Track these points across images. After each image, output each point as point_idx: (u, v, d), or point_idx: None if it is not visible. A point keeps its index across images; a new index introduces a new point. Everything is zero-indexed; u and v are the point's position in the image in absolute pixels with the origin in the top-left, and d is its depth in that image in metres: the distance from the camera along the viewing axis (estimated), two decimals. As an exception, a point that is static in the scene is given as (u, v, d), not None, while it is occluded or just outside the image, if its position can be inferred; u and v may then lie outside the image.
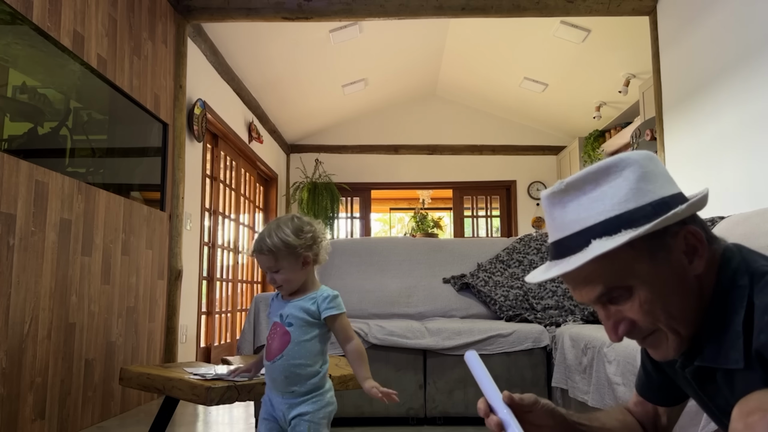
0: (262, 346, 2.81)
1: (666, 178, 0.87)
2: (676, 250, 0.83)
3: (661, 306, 0.83)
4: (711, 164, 3.34)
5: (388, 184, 7.86)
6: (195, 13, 3.92)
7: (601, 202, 0.83)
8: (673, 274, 0.83)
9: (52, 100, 2.67)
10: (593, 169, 0.86)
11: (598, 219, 0.83)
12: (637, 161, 0.85)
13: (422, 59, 6.50)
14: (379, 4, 3.92)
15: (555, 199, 0.88)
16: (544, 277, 0.88)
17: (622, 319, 0.86)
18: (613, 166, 0.85)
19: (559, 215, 0.87)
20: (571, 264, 0.82)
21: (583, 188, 0.86)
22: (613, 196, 0.83)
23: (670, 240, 0.83)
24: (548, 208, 0.90)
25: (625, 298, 0.84)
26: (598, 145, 6.60)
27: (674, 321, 0.84)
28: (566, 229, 0.86)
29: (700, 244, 0.84)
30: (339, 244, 3.56)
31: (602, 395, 2.07)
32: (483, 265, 3.43)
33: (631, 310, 0.84)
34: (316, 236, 1.77)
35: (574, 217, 0.85)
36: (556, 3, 3.92)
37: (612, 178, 0.84)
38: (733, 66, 3.11)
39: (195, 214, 4.33)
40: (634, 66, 5.43)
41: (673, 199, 0.84)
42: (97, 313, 2.83)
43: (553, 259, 0.89)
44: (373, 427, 2.76)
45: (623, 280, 0.83)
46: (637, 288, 0.82)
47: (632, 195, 0.82)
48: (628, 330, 0.86)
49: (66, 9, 2.62)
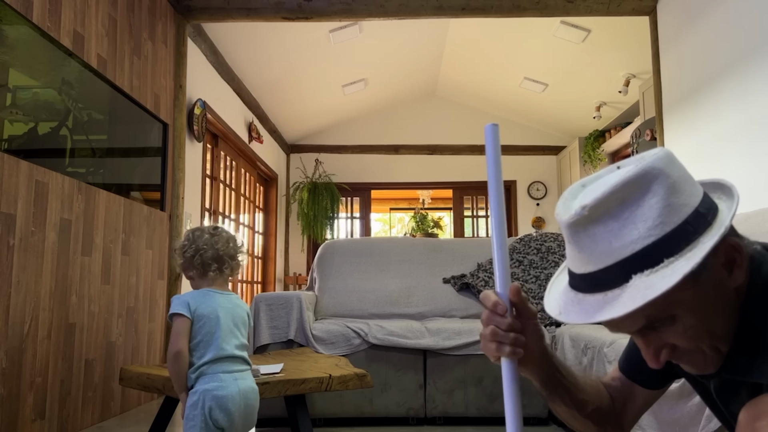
0: (263, 345, 2.81)
1: (689, 179, 0.79)
2: (717, 266, 0.77)
3: (705, 329, 0.77)
4: (711, 164, 3.34)
5: (388, 184, 7.87)
6: (195, 13, 3.92)
7: (633, 227, 0.74)
8: (715, 292, 0.77)
9: (52, 101, 2.67)
10: (617, 186, 0.75)
11: (635, 249, 0.74)
12: (662, 171, 0.75)
13: (422, 59, 6.50)
14: (379, 4, 3.92)
15: (579, 228, 0.78)
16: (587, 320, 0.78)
17: (664, 346, 0.79)
18: (638, 181, 0.75)
19: (587, 245, 0.77)
20: (619, 309, 0.73)
21: (609, 211, 0.75)
22: (646, 219, 0.74)
23: (712, 258, 0.75)
24: (572, 236, 0.79)
25: (667, 325, 0.77)
26: (598, 145, 6.60)
27: (717, 340, 0.78)
28: (598, 262, 0.76)
29: (739, 254, 0.78)
30: (339, 244, 3.56)
31: (602, 395, 2.07)
32: (483, 265, 3.43)
33: (674, 337, 0.78)
34: (185, 253, 1.83)
35: (605, 248, 0.75)
36: (556, 3, 3.92)
37: (639, 195, 0.75)
38: (733, 66, 3.11)
39: (195, 214, 4.33)
40: (634, 66, 5.43)
41: (704, 205, 0.77)
42: (97, 313, 2.83)
43: (584, 291, 0.80)
44: (373, 427, 2.76)
45: (667, 311, 0.76)
46: (681, 315, 0.76)
47: (666, 214, 0.74)
48: (670, 355, 0.80)
49: (66, 9, 2.62)
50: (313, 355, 2.64)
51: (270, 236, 6.92)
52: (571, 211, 0.78)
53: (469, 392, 2.79)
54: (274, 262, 6.89)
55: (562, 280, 0.87)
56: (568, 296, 0.83)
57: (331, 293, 3.33)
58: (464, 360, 2.80)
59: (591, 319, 0.77)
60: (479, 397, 2.79)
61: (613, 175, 0.78)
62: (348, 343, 2.82)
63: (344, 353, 2.79)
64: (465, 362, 2.80)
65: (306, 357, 2.57)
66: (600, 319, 0.75)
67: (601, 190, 0.76)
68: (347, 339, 2.83)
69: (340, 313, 3.27)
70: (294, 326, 2.84)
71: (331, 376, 2.06)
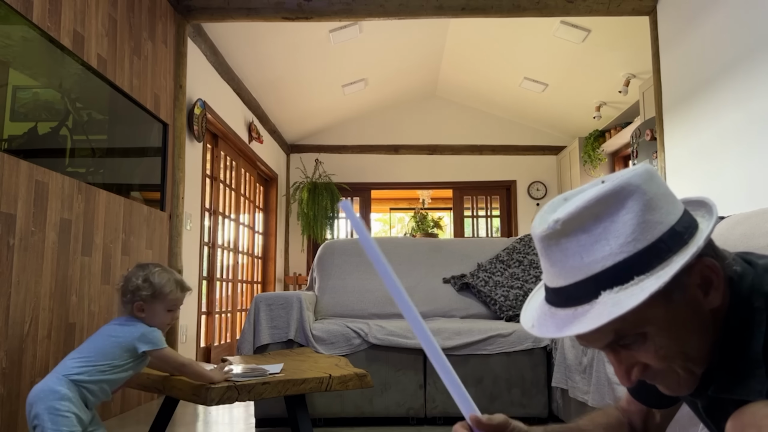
0: (263, 345, 2.81)
1: (668, 197, 0.78)
2: (692, 286, 0.76)
3: (677, 349, 0.76)
4: (711, 164, 3.34)
5: (388, 184, 7.87)
6: (195, 13, 3.92)
7: (605, 242, 0.74)
8: (689, 313, 0.76)
9: (52, 101, 2.67)
10: (591, 201, 0.75)
11: (605, 264, 0.73)
12: (639, 187, 0.75)
13: (422, 59, 6.50)
14: (379, 4, 3.92)
15: (551, 242, 0.77)
16: (556, 335, 0.78)
17: (635, 364, 0.79)
18: (612, 197, 0.74)
19: (559, 259, 0.77)
20: (585, 325, 0.73)
21: (582, 226, 0.75)
22: (619, 235, 0.73)
23: (686, 278, 0.74)
24: (544, 249, 0.79)
25: (638, 343, 0.76)
26: (598, 145, 6.60)
27: (690, 362, 0.78)
28: (569, 276, 0.76)
29: (715, 275, 0.76)
30: (339, 244, 3.56)
31: (602, 395, 2.07)
32: (483, 265, 3.43)
33: (645, 356, 0.77)
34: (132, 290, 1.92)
35: (576, 263, 0.75)
36: (556, 3, 3.92)
37: (614, 211, 0.74)
38: (733, 66, 3.11)
39: (195, 214, 4.33)
40: (634, 66, 5.43)
41: (682, 224, 0.76)
42: (97, 313, 2.83)
43: (556, 305, 0.80)
44: (373, 427, 2.77)
45: (637, 328, 0.75)
46: (651, 334, 0.75)
47: (639, 231, 0.73)
48: (642, 374, 0.79)
49: (66, 9, 2.62)
50: (313, 355, 2.64)
51: (270, 236, 6.92)
52: (545, 225, 0.78)
53: (469, 392, 2.78)
54: (274, 262, 6.89)
55: (540, 295, 0.87)
56: (542, 310, 0.83)
57: (331, 293, 3.33)
58: (464, 360, 2.80)
59: (560, 334, 0.76)
60: (479, 397, 2.79)
61: (591, 190, 0.78)
62: (348, 343, 2.82)
63: (344, 353, 2.79)
64: (465, 362, 2.80)
65: (306, 357, 2.57)
66: (568, 334, 0.75)
67: (576, 205, 0.76)
68: (347, 339, 2.83)
69: (340, 313, 3.27)
70: (294, 326, 2.84)
71: (331, 376, 2.06)
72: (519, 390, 2.79)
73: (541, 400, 2.78)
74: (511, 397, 2.78)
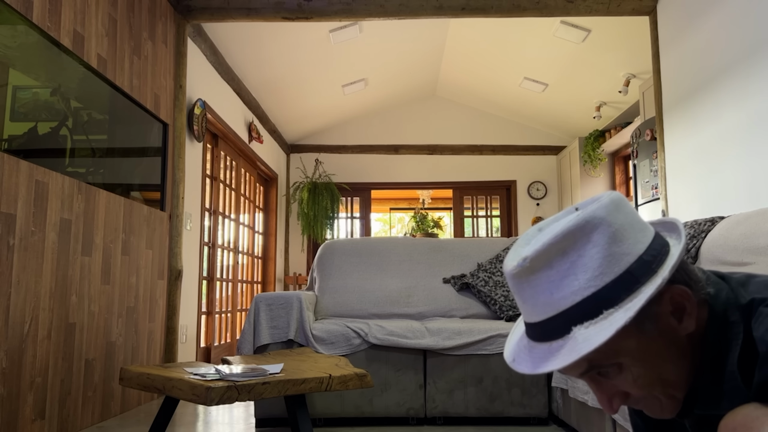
0: (263, 345, 2.81)
1: (636, 225, 0.78)
2: (664, 315, 0.76)
3: (654, 377, 0.77)
4: (711, 164, 3.34)
5: (388, 184, 7.87)
6: (195, 13, 3.93)
7: (573, 277, 0.74)
8: (663, 341, 0.76)
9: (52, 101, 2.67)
10: (557, 237, 0.75)
11: (574, 300, 0.74)
12: (603, 219, 0.75)
13: (422, 59, 6.50)
14: (379, 4, 3.92)
15: (522, 279, 0.78)
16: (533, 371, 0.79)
17: (616, 393, 0.79)
18: (578, 231, 0.75)
19: (530, 296, 0.78)
20: (559, 361, 0.74)
21: (549, 263, 0.76)
22: (586, 270, 0.74)
23: (656, 308, 0.75)
24: (515, 286, 0.80)
25: (615, 372, 0.77)
26: (598, 145, 6.61)
27: (670, 387, 0.78)
28: (541, 312, 0.77)
29: (687, 301, 0.77)
30: (339, 244, 3.56)
31: (602, 395, 2.07)
32: (483, 265, 3.44)
33: (624, 385, 0.78)
34: None
35: (546, 299, 0.76)
36: (556, 3, 3.92)
37: (580, 245, 0.75)
38: (733, 66, 3.11)
39: (195, 214, 4.33)
40: (634, 66, 5.43)
41: (650, 252, 0.76)
42: (97, 313, 2.83)
43: (534, 339, 0.81)
44: (373, 427, 2.77)
45: (611, 359, 0.76)
46: (627, 365, 0.76)
47: (606, 264, 0.74)
48: (624, 401, 0.80)
49: (66, 9, 2.62)
50: (313, 355, 2.64)
51: (270, 236, 6.92)
52: (514, 263, 0.79)
53: (469, 392, 2.79)
54: (274, 262, 6.89)
55: (522, 327, 0.87)
56: (522, 343, 0.84)
57: (331, 293, 3.33)
58: (464, 360, 2.80)
59: (537, 370, 0.77)
60: (479, 397, 2.79)
61: (559, 223, 0.79)
62: (348, 343, 2.82)
63: (344, 353, 2.79)
64: (465, 362, 2.80)
65: (306, 357, 2.57)
66: (544, 371, 0.76)
67: (542, 242, 0.76)
68: (347, 339, 2.83)
69: (340, 313, 3.27)
70: (294, 326, 2.84)
71: (331, 376, 2.06)
72: (519, 390, 2.79)
73: (541, 400, 2.79)
74: (511, 397, 2.78)
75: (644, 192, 4.82)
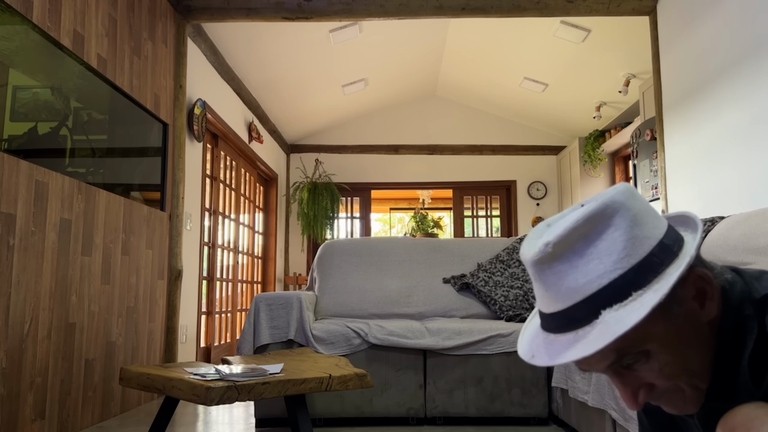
0: (263, 345, 2.81)
1: (652, 212, 0.79)
2: (688, 299, 0.76)
3: (681, 365, 0.76)
4: (711, 164, 3.34)
5: (388, 184, 7.87)
6: (195, 13, 3.93)
7: (598, 261, 0.74)
8: (689, 326, 0.76)
9: (52, 101, 2.67)
10: (578, 222, 0.75)
11: (601, 283, 0.73)
12: (623, 204, 0.76)
13: (422, 59, 6.50)
14: (379, 4, 3.92)
15: (544, 265, 0.77)
16: (558, 361, 0.76)
17: (641, 386, 0.78)
18: (599, 215, 0.75)
19: (554, 283, 0.77)
20: (590, 346, 0.72)
21: (572, 247, 0.75)
22: (611, 253, 0.74)
23: (681, 290, 0.74)
24: (537, 274, 0.78)
25: (641, 362, 0.76)
26: (598, 145, 6.61)
27: (695, 377, 0.77)
28: (566, 299, 0.76)
29: (709, 285, 0.77)
30: (339, 244, 3.56)
31: (602, 395, 2.07)
32: (483, 265, 3.43)
33: (650, 375, 0.76)
34: None
35: (572, 284, 0.75)
36: (556, 3, 3.92)
37: (602, 229, 0.75)
38: (733, 66, 3.11)
39: (195, 214, 4.33)
40: (634, 66, 5.43)
41: (669, 237, 0.76)
42: (97, 313, 2.83)
43: (555, 331, 0.79)
44: (373, 427, 2.77)
45: (639, 346, 0.74)
46: (654, 351, 0.75)
47: (630, 247, 0.74)
48: (648, 395, 0.78)
49: (66, 9, 2.62)
50: (313, 355, 2.64)
51: (270, 236, 6.92)
52: (535, 249, 0.78)
53: (469, 392, 2.79)
54: (274, 262, 6.89)
55: (535, 323, 0.86)
56: (539, 338, 0.82)
57: (331, 293, 3.33)
58: (464, 360, 2.80)
59: (563, 359, 0.75)
60: (479, 397, 2.79)
61: (576, 212, 0.79)
62: (348, 343, 2.82)
63: (344, 353, 2.79)
64: (465, 362, 2.80)
65: (306, 357, 2.57)
66: (572, 359, 0.74)
67: (564, 227, 0.76)
68: (347, 339, 2.83)
69: (340, 313, 3.27)
70: (294, 326, 2.84)
71: (331, 376, 2.06)
72: (519, 390, 2.79)
73: (541, 400, 2.79)
74: (511, 397, 2.78)
75: (644, 192, 4.82)
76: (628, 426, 1.85)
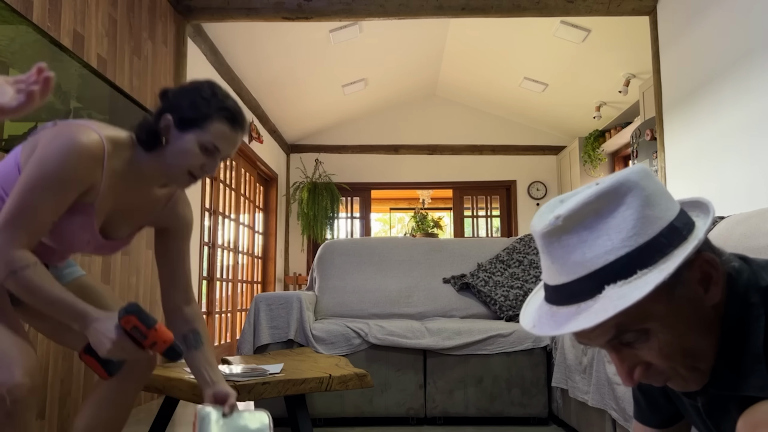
0: (263, 345, 2.81)
1: (665, 194, 0.79)
2: (692, 282, 0.76)
3: (681, 347, 0.76)
4: (711, 164, 3.34)
5: (388, 184, 7.86)
6: (195, 13, 3.92)
7: (606, 237, 0.74)
8: (691, 309, 0.76)
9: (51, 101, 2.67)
10: (591, 197, 0.76)
11: (608, 259, 0.74)
12: (637, 183, 0.76)
13: (422, 59, 6.50)
14: (379, 4, 3.92)
15: (552, 238, 0.78)
16: (558, 331, 0.77)
17: (638, 363, 0.78)
18: (612, 192, 0.76)
19: (560, 256, 0.77)
20: (590, 319, 0.73)
21: (583, 222, 0.76)
22: (620, 230, 0.74)
23: (686, 273, 0.75)
24: (545, 246, 0.79)
25: (641, 340, 0.76)
26: (598, 145, 6.60)
27: (695, 360, 0.78)
28: (571, 273, 0.76)
29: (714, 270, 0.77)
30: (339, 244, 3.56)
31: (602, 395, 2.07)
32: (483, 265, 3.43)
33: (649, 354, 0.77)
34: None
35: (578, 258, 0.76)
36: (556, 3, 3.92)
37: (614, 206, 0.75)
38: (733, 66, 3.11)
39: (195, 214, 4.33)
40: (634, 66, 5.43)
41: (680, 220, 0.77)
42: (97, 313, 2.83)
43: (558, 303, 0.80)
44: (373, 427, 2.77)
45: (640, 323, 0.75)
46: (655, 330, 0.75)
47: (640, 226, 0.74)
48: (644, 373, 0.79)
49: (66, 9, 2.62)
50: (313, 355, 2.64)
51: (270, 236, 6.92)
52: (545, 222, 0.78)
53: (469, 392, 2.79)
54: (274, 262, 6.89)
55: (539, 296, 0.87)
56: (542, 310, 0.83)
57: (331, 293, 3.33)
58: (464, 360, 2.80)
59: (563, 330, 0.77)
60: (479, 397, 2.79)
61: (590, 188, 0.79)
62: (348, 343, 2.82)
63: (344, 353, 2.79)
64: (465, 362, 2.80)
65: (306, 357, 2.57)
66: (572, 329, 0.75)
67: (576, 202, 0.77)
68: (347, 339, 2.83)
69: (340, 313, 3.27)
70: (294, 326, 2.84)
71: (331, 376, 2.06)
72: (519, 390, 2.79)
73: (541, 400, 2.79)
74: (511, 397, 2.78)
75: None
76: (628, 426, 1.85)
